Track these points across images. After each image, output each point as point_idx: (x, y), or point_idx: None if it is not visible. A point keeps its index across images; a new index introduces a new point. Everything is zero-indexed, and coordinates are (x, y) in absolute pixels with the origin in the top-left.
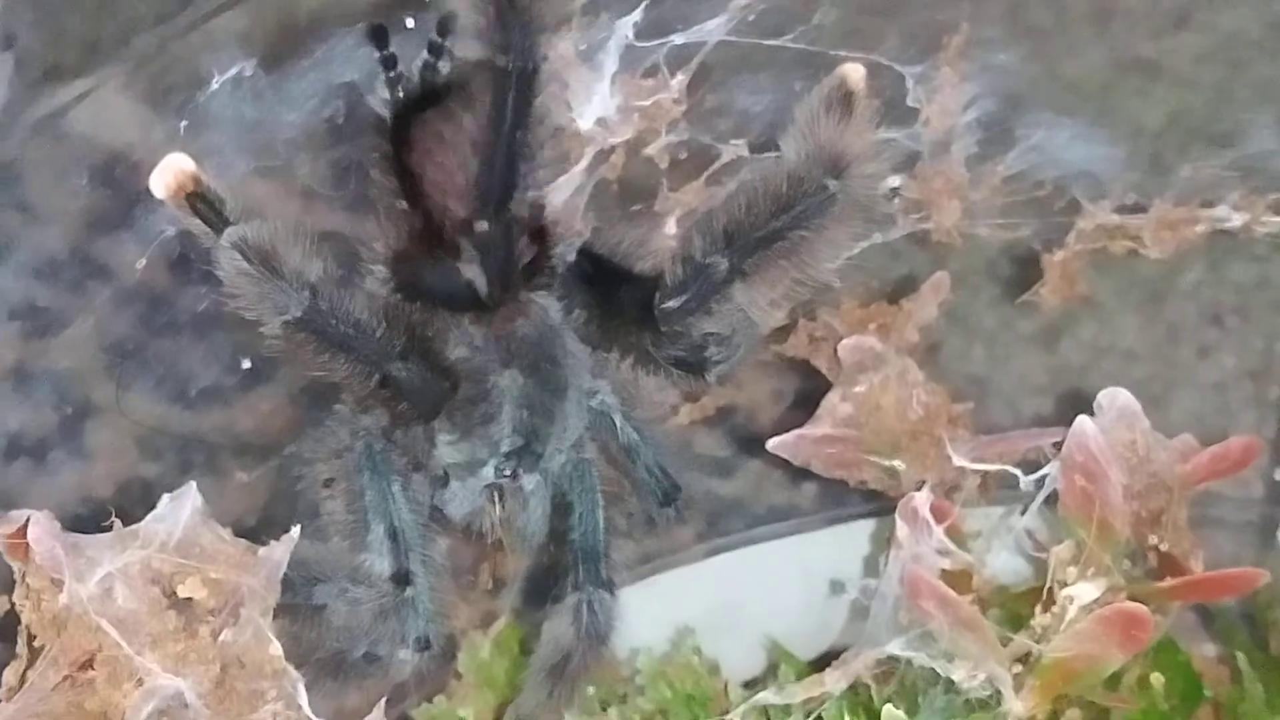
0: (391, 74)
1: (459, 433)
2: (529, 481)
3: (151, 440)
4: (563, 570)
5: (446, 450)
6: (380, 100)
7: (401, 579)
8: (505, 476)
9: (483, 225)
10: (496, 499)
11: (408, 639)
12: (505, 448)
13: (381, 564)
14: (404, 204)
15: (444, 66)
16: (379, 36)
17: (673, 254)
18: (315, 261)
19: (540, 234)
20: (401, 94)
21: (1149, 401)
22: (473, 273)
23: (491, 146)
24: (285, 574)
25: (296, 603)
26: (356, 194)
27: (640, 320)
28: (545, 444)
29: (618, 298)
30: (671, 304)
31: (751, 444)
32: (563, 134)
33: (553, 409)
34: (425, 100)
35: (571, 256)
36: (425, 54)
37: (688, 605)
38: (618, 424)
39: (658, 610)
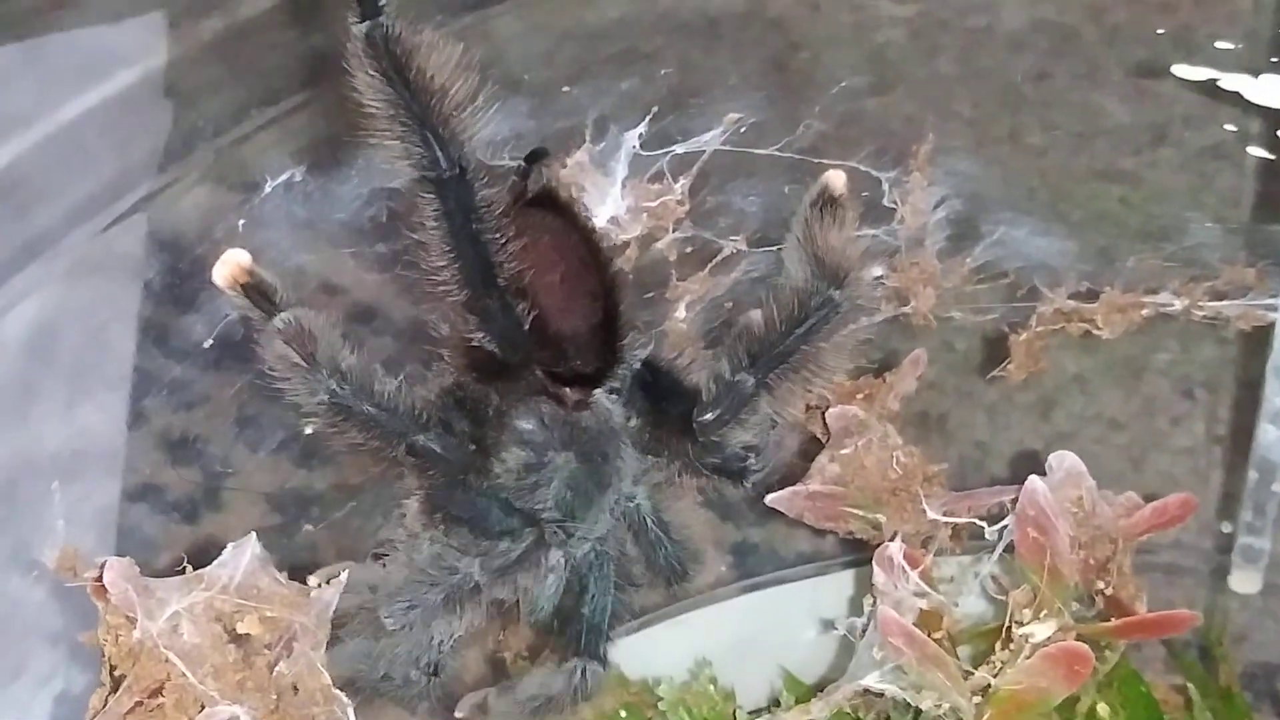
0: None
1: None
2: (552, 557)
3: (277, 496)
4: (566, 640)
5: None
6: None
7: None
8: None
9: (476, 303)
10: None
11: (420, 662)
12: (542, 516)
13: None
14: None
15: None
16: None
17: (708, 374)
18: (347, 349)
19: (611, 319)
20: None
21: (1129, 463)
22: (486, 343)
23: (454, 242)
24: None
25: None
26: (397, 282)
27: (684, 431)
28: (578, 525)
29: (665, 409)
30: (708, 417)
31: None
32: None
33: (592, 497)
34: None
35: (638, 365)
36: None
37: (711, 639)
38: (649, 524)
39: (682, 643)
